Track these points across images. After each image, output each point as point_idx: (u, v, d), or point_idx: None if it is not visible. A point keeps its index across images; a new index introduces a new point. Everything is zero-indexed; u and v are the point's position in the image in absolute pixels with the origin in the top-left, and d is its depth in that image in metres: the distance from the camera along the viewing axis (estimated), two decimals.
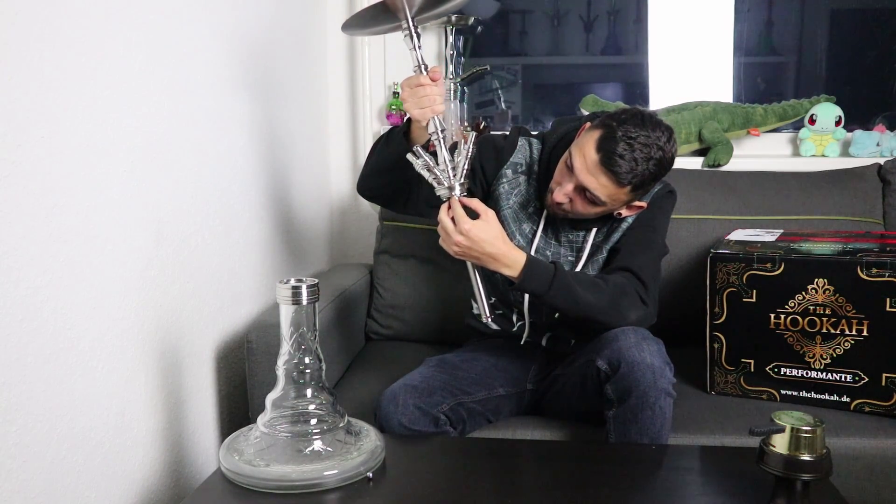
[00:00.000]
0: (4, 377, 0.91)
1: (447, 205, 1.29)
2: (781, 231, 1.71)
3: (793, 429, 0.98)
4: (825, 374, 1.47)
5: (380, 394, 1.34)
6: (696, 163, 2.11)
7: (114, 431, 1.14)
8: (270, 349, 1.40)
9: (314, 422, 1.08)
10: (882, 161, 1.99)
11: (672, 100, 2.18)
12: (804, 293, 1.46)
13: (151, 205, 1.22)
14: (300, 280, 1.06)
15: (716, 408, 1.48)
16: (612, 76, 2.49)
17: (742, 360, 1.53)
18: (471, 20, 2.12)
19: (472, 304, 1.63)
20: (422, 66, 1.29)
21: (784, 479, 0.99)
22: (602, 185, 1.33)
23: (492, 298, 1.52)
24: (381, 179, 1.45)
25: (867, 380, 1.44)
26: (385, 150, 1.40)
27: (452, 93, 2.14)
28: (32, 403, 0.96)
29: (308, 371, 1.08)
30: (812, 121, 2.12)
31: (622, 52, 2.43)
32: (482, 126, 2.18)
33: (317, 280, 1.08)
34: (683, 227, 1.84)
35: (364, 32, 1.41)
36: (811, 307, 1.46)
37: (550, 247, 1.49)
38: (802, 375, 1.49)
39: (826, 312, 1.45)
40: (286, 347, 1.07)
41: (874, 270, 1.41)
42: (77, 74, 1.02)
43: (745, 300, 1.50)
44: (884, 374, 1.43)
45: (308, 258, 2.02)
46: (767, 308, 1.49)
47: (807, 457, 0.98)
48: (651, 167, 1.32)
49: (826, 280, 1.44)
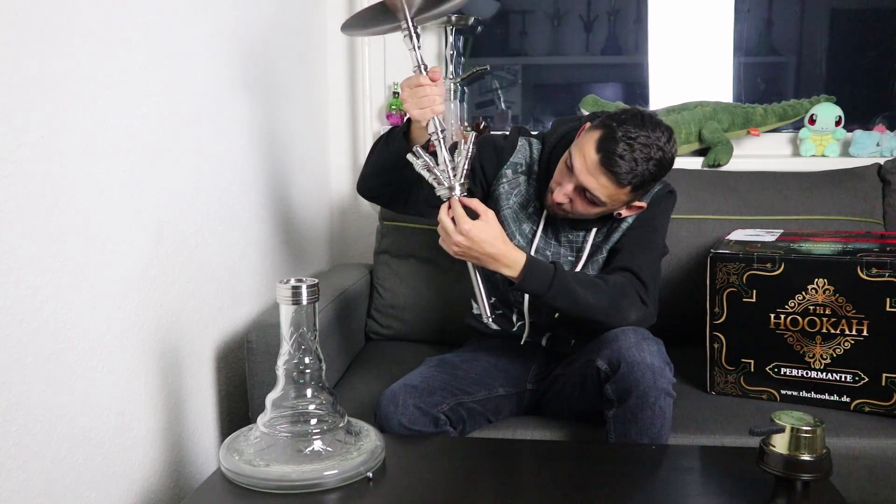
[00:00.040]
0: (4, 377, 0.91)
1: (447, 205, 1.29)
2: (781, 231, 1.71)
3: (793, 429, 0.98)
4: (825, 374, 1.47)
5: (380, 394, 1.34)
6: (696, 163, 2.11)
7: (114, 431, 1.14)
8: (270, 349, 1.40)
9: (314, 422, 1.08)
10: (882, 161, 1.99)
11: (672, 100, 2.18)
12: (804, 293, 1.46)
13: (151, 205, 1.22)
14: (300, 280, 1.06)
15: (716, 408, 1.48)
16: (612, 76, 2.49)
17: (742, 360, 1.53)
18: (471, 20, 2.12)
19: (473, 304, 1.64)
20: (421, 67, 1.29)
21: (784, 479, 0.99)
22: (602, 186, 1.33)
23: (492, 298, 1.52)
24: (381, 179, 1.45)
25: (867, 380, 1.44)
26: (385, 151, 1.40)
27: (452, 93, 2.14)
28: (32, 403, 0.96)
29: (308, 371, 1.08)
30: (812, 121, 2.11)
31: (622, 52, 2.43)
32: (482, 126, 2.18)
33: (317, 280, 1.08)
34: (683, 227, 1.84)
35: (364, 33, 1.41)
36: (811, 307, 1.46)
37: (550, 247, 1.49)
38: (802, 375, 1.49)
39: (826, 312, 1.45)
40: (286, 347, 1.07)
41: (874, 270, 1.41)
42: (77, 74, 1.02)
43: (745, 300, 1.50)
44: (884, 374, 1.43)
45: (308, 258, 2.02)
46: (767, 308, 1.49)
47: (807, 457, 0.98)
48: (651, 167, 1.32)
49: (826, 280, 1.44)
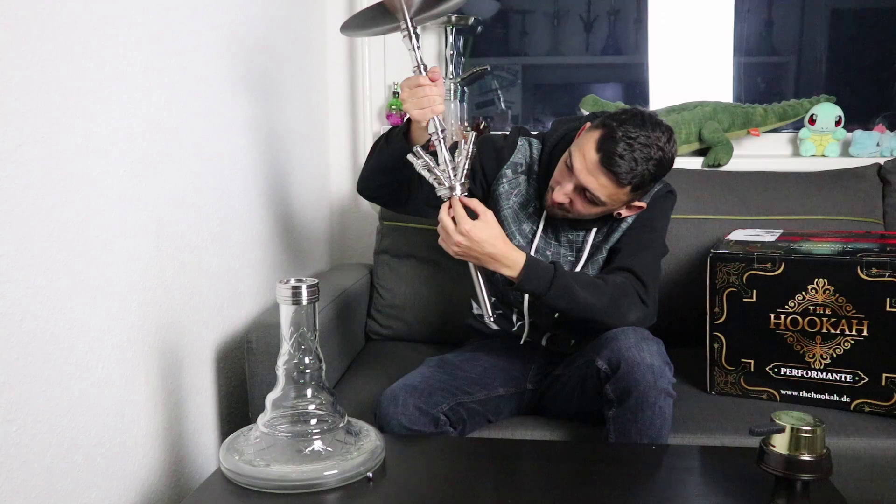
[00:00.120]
0: (4, 377, 0.91)
1: (448, 204, 1.29)
2: (781, 231, 1.71)
3: (793, 429, 0.98)
4: (825, 374, 1.47)
5: (380, 394, 1.34)
6: (696, 163, 2.11)
7: (114, 431, 1.14)
8: (270, 349, 1.40)
9: (314, 422, 1.08)
10: (882, 161, 1.99)
11: (672, 100, 2.18)
12: (804, 293, 1.46)
13: (151, 205, 1.22)
14: (300, 280, 1.06)
15: (716, 408, 1.48)
16: (612, 76, 2.49)
17: (742, 360, 1.53)
18: (471, 20, 2.12)
19: (473, 304, 1.64)
20: (421, 67, 1.29)
21: (784, 479, 0.99)
22: (602, 185, 1.33)
23: (492, 298, 1.51)
24: (381, 180, 1.45)
25: (867, 380, 1.44)
26: (385, 151, 1.40)
27: (452, 93, 2.14)
28: (32, 403, 0.96)
29: (308, 371, 1.08)
30: (812, 121, 2.11)
31: (622, 52, 2.43)
32: (482, 126, 2.18)
33: (317, 280, 1.08)
34: (683, 227, 1.84)
35: (363, 33, 1.41)
36: (811, 307, 1.46)
37: (550, 247, 1.49)
38: (802, 375, 1.49)
39: (826, 312, 1.45)
40: (286, 347, 1.07)
41: (874, 270, 1.41)
42: (77, 74, 1.02)
43: (745, 300, 1.50)
44: (884, 374, 1.43)
45: (308, 258, 2.02)
46: (767, 308, 1.49)
47: (807, 457, 0.98)
48: (651, 167, 1.32)
49: (826, 280, 1.44)
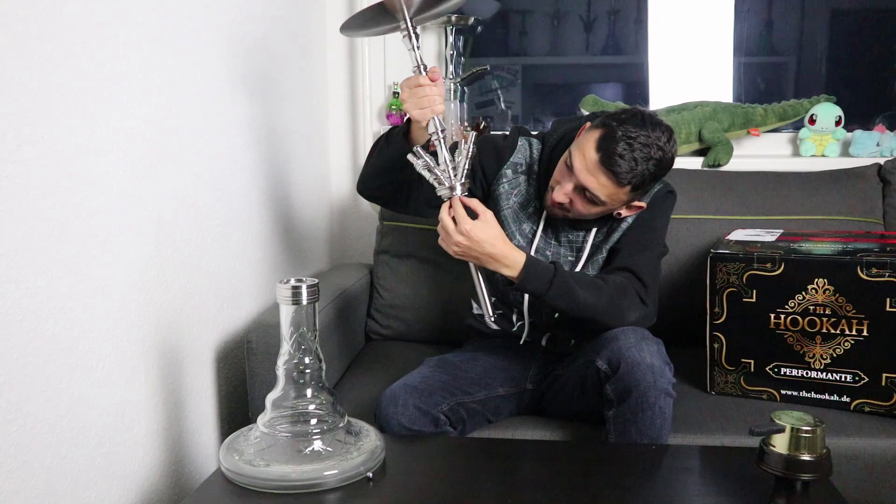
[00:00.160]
0: (4, 377, 0.91)
1: (448, 204, 1.29)
2: (781, 231, 1.71)
3: (793, 429, 0.98)
4: (825, 374, 1.47)
5: (380, 394, 1.34)
6: (696, 163, 2.11)
7: (114, 431, 1.14)
8: (270, 349, 1.40)
9: (314, 422, 1.08)
10: (882, 161, 1.99)
11: (672, 100, 2.18)
12: (804, 293, 1.46)
13: (151, 205, 1.22)
14: (300, 280, 1.06)
15: (716, 408, 1.48)
16: (612, 76, 2.49)
17: (742, 360, 1.53)
18: (471, 20, 2.12)
19: (473, 304, 1.64)
20: (421, 67, 1.29)
21: (784, 479, 0.99)
22: (602, 185, 1.33)
23: (492, 298, 1.51)
24: (381, 180, 1.45)
25: (867, 380, 1.44)
26: (385, 151, 1.40)
27: (452, 93, 2.14)
28: (32, 403, 0.96)
29: (308, 371, 1.08)
30: (812, 121, 2.11)
31: (622, 52, 2.43)
32: (482, 126, 2.18)
33: (317, 280, 1.08)
34: (683, 227, 1.84)
35: (363, 34, 1.41)
36: (811, 307, 1.46)
37: (550, 247, 1.49)
38: (802, 375, 1.49)
39: (826, 312, 1.45)
40: (286, 347, 1.07)
41: (874, 270, 1.40)
42: (77, 74, 1.02)
43: (745, 300, 1.50)
44: (884, 374, 1.43)
45: (308, 258, 2.02)
46: (767, 308, 1.49)
47: (807, 457, 0.98)
48: (651, 167, 1.32)
49: (826, 280, 1.44)
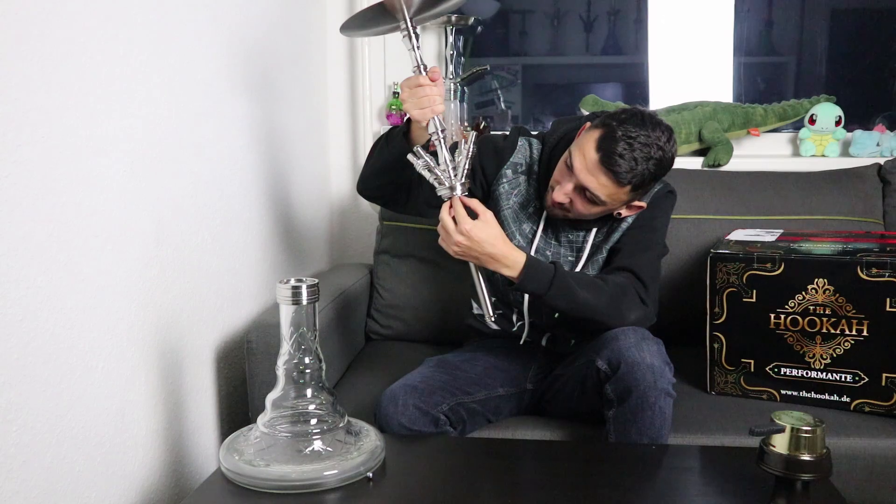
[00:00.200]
0: (4, 377, 0.91)
1: (449, 204, 1.29)
2: (781, 231, 1.71)
3: (793, 429, 0.98)
4: (825, 374, 1.47)
5: (380, 394, 1.34)
6: (696, 163, 2.11)
7: (114, 431, 1.14)
8: (270, 349, 1.40)
9: (314, 422, 1.08)
10: (882, 161, 1.99)
11: (672, 100, 2.18)
12: (804, 293, 1.46)
13: (151, 205, 1.22)
14: (300, 280, 1.06)
15: (716, 408, 1.48)
16: (612, 76, 2.49)
17: (742, 360, 1.53)
18: (471, 20, 2.12)
19: (473, 304, 1.64)
20: (421, 67, 1.29)
21: (784, 479, 0.99)
22: (602, 185, 1.33)
23: (492, 298, 1.52)
24: (381, 180, 1.45)
25: (867, 380, 1.44)
26: (385, 151, 1.40)
27: (452, 93, 2.14)
28: (32, 403, 0.96)
29: (308, 371, 1.08)
30: (812, 121, 2.11)
31: (622, 52, 2.43)
32: (482, 126, 2.18)
33: (317, 280, 1.08)
34: (683, 227, 1.84)
35: (363, 34, 1.41)
36: (811, 307, 1.46)
37: (550, 247, 1.49)
38: (802, 375, 1.49)
39: (826, 312, 1.45)
40: (286, 347, 1.07)
41: (874, 270, 1.40)
42: (77, 74, 1.02)
43: (745, 300, 1.50)
44: (884, 374, 1.43)
45: (308, 258, 2.02)
46: (767, 308, 1.49)
47: (807, 457, 0.98)
48: (651, 167, 1.32)
49: (826, 280, 1.44)
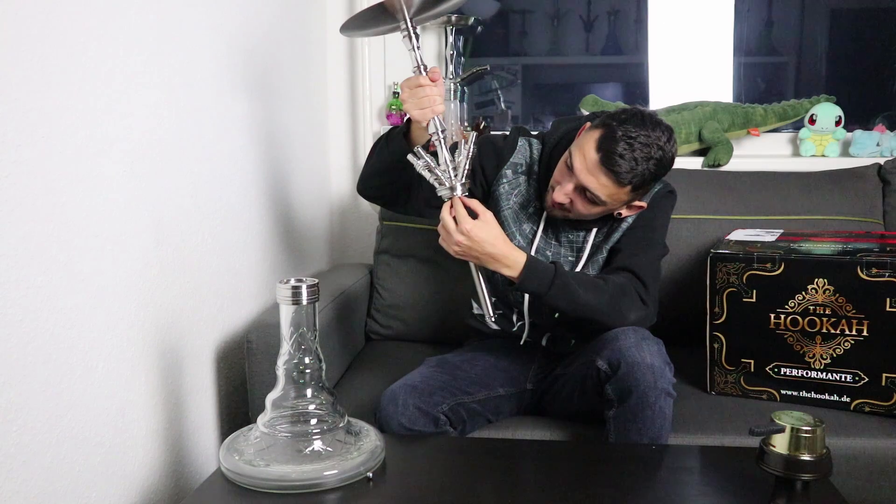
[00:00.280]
0: (4, 377, 0.91)
1: (449, 204, 1.29)
2: (781, 231, 1.71)
3: (793, 429, 0.98)
4: (825, 374, 1.47)
5: (380, 394, 1.34)
6: (696, 163, 2.11)
7: (114, 431, 1.14)
8: (270, 349, 1.40)
9: (314, 422, 1.08)
10: (882, 161, 1.99)
11: (672, 100, 2.18)
12: (804, 293, 1.46)
13: (151, 205, 1.22)
14: (300, 280, 1.06)
15: (716, 408, 1.48)
16: (612, 76, 2.49)
17: (742, 360, 1.53)
18: (471, 20, 2.12)
19: (473, 304, 1.64)
20: (421, 67, 1.29)
21: (784, 479, 0.99)
22: (602, 185, 1.33)
23: (492, 298, 1.52)
24: (382, 180, 1.45)
25: (867, 380, 1.44)
26: (385, 151, 1.40)
27: (452, 93, 2.14)
28: (32, 403, 0.96)
29: (308, 371, 1.08)
30: (812, 121, 2.11)
31: (622, 52, 2.43)
32: (482, 126, 2.18)
33: (317, 280, 1.08)
34: (683, 227, 1.84)
35: (363, 34, 1.41)
36: (811, 307, 1.46)
37: (550, 247, 1.49)
38: (802, 375, 1.49)
39: (826, 312, 1.45)
40: (286, 347, 1.07)
41: (874, 270, 1.40)
42: (77, 74, 1.02)
43: (745, 300, 1.50)
44: (884, 374, 1.43)
45: (308, 258, 2.02)
46: (767, 308, 1.49)
47: (807, 457, 0.98)
48: (651, 167, 1.32)
49: (826, 280, 1.44)
